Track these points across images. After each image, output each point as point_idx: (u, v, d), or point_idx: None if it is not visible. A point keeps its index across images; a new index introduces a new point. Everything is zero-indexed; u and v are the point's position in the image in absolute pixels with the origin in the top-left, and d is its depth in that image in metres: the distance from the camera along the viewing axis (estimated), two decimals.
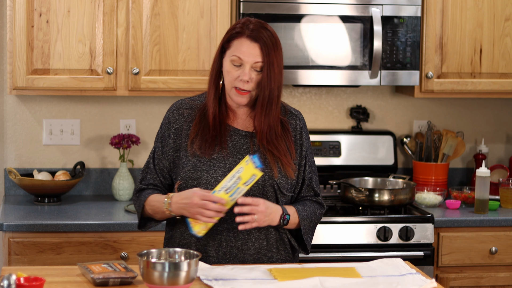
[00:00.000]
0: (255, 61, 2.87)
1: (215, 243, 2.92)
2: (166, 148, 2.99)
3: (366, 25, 4.12)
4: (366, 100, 4.60)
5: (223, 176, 2.88)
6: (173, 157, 2.98)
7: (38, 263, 3.75)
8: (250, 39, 2.87)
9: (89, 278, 2.65)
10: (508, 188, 4.25)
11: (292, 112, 3.05)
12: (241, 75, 2.87)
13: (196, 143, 2.93)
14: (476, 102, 4.69)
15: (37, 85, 3.99)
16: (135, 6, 4.01)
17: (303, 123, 3.05)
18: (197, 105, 3.01)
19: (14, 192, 4.36)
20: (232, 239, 2.92)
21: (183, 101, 3.04)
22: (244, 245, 2.92)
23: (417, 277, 2.75)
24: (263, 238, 2.95)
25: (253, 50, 2.87)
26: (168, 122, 3.01)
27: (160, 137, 3.02)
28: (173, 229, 3.01)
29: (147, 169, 3.04)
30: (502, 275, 4.07)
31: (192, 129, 2.95)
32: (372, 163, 4.50)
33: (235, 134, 2.96)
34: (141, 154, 4.45)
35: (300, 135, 3.02)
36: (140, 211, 3.01)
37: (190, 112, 3.00)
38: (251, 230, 2.92)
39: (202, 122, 2.96)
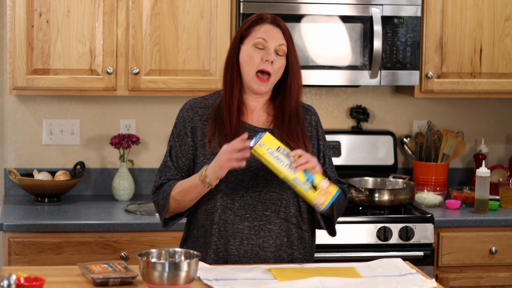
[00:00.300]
0: (279, 43, 2.89)
1: (236, 242, 2.91)
2: (184, 146, 2.97)
3: (366, 25, 4.12)
4: (366, 100, 4.60)
5: (242, 174, 2.88)
6: (192, 155, 2.96)
7: (38, 263, 3.75)
8: (272, 24, 2.92)
9: (89, 278, 2.65)
10: (508, 188, 4.25)
11: (305, 107, 3.06)
12: (266, 55, 2.88)
13: (215, 141, 2.91)
14: (476, 102, 4.69)
15: (37, 85, 3.99)
16: (135, 6, 4.02)
17: (317, 117, 3.07)
18: (210, 104, 3.00)
19: (14, 192, 4.36)
20: (253, 237, 2.91)
21: (196, 100, 3.02)
22: (265, 243, 2.91)
23: (417, 277, 2.75)
24: (284, 235, 2.93)
25: (277, 33, 2.90)
26: (183, 121, 2.99)
27: (176, 136, 3.00)
28: (195, 227, 2.99)
29: (165, 168, 3.00)
30: (502, 275, 4.07)
31: (209, 127, 2.94)
32: (372, 163, 4.50)
33: (251, 131, 2.95)
34: (141, 154, 4.45)
35: (316, 129, 3.03)
36: (166, 204, 2.94)
37: (204, 111, 2.98)
38: (272, 227, 2.92)
39: (218, 120, 2.94)
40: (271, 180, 2.90)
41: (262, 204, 2.91)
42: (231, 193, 2.90)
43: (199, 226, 2.98)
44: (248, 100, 2.97)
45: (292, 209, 2.94)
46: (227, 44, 4.07)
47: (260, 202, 2.90)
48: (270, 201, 2.91)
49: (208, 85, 4.09)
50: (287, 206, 2.93)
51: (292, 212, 2.94)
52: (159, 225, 3.84)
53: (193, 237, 3.00)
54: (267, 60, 2.88)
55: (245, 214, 2.90)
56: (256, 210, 2.90)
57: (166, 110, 4.45)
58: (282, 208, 2.92)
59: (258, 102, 2.98)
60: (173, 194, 2.93)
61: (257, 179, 2.90)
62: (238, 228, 2.91)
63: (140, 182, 4.45)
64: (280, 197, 2.92)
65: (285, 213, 2.93)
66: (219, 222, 2.92)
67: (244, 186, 2.90)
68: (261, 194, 2.90)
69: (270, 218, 2.92)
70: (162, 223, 3.02)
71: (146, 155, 4.45)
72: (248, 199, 2.90)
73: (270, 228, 2.92)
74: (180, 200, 2.92)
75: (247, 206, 2.90)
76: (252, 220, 2.91)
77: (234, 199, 2.90)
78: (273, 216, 2.92)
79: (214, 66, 4.08)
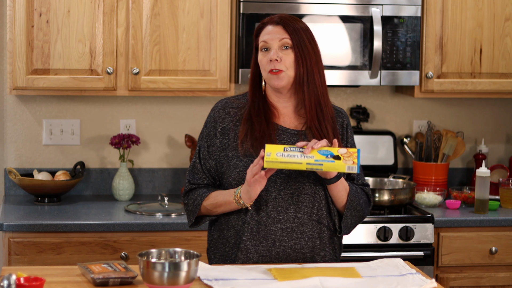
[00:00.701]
0: (280, 38, 2.89)
1: (268, 243, 2.91)
2: (212, 147, 2.97)
3: (366, 25, 4.12)
4: (366, 100, 4.60)
5: (275, 176, 2.89)
6: (219, 156, 2.96)
7: (38, 263, 3.75)
8: (273, 24, 2.92)
9: (89, 278, 2.65)
10: (508, 188, 4.25)
11: (337, 109, 3.04)
12: (270, 56, 2.88)
13: (247, 142, 2.91)
14: (476, 102, 4.69)
15: (37, 85, 3.99)
16: (135, 6, 4.02)
17: (348, 120, 3.05)
18: (242, 104, 3.00)
19: (14, 192, 4.36)
20: (286, 239, 2.91)
21: (228, 99, 3.02)
22: (297, 244, 2.91)
23: (417, 277, 2.75)
24: (317, 237, 2.93)
25: (277, 31, 2.90)
26: (214, 121, 2.99)
27: (205, 136, 3.00)
28: (225, 228, 2.98)
29: (194, 169, 3.01)
30: (502, 275, 4.07)
31: (241, 128, 2.94)
32: (372, 163, 4.50)
33: (283, 133, 2.94)
34: (141, 154, 4.45)
35: (346, 132, 3.02)
36: (196, 210, 2.97)
37: (236, 111, 2.98)
38: (305, 229, 2.92)
39: (249, 121, 2.94)
40: (303, 182, 2.90)
41: (295, 206, 2.90)
42: (264, 195, 2.90)
43: (230, 226, 2.97)
44: (279, 102, 2.97)
45: (324, 211, 2.94)
46: (227, 44, 4.07)
47: (292, 204, 2.90)
48: (302, 203, 2.91)
49: (208, 85, 4.09)
50: (320, 208, 2.93)
51: (324, 214, 2.94)
52: (159, 225, 3.84)
53: (223, 238, 2.99)
54: (271, 60, 2.88)
55: (277, 216, 2.90)
56: (288, 212, 2.90)
57: (166, 110, 4.45)
58: (315, 210, 2.92)
59: (289, 103, 2.97)
60: (205, 204, 2.96)
61: (289, 181, 2.90)
62: (270, 230, 2.91)
63: (140, 182, 4.45)
64: (313, 199, 2.91)
65: (317, 215, 2.93)
66: (251, 223, 2.92)
67: (277, 188, 2.90)
68: (294, 196, 2.90)
69: (303, 220, 2.91)
70: (189, 225, 3.05)
71: (146, 155, 4.46)
72: (281, 201, 2.90)
73: (302, 230, 2.92)
74: (211, 210, 2.96)
75: (280, 208, 2.90)
76: (284, 222, 2.90)
77: (267, 201, 2.90)
78: (306, 218, 2.92)
79: (214, 66, 4.08)
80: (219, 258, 3.00)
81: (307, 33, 2.93)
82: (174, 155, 4.48)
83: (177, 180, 4.47)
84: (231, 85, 4.13)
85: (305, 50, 2.90)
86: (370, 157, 4.50)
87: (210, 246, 3.05)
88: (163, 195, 4.15)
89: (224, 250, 2.98)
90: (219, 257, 3.00)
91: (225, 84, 4.09)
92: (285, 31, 2.90)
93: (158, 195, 4.33)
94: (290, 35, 2.89)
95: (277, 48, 2.89)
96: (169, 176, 4.47)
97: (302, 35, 2.91)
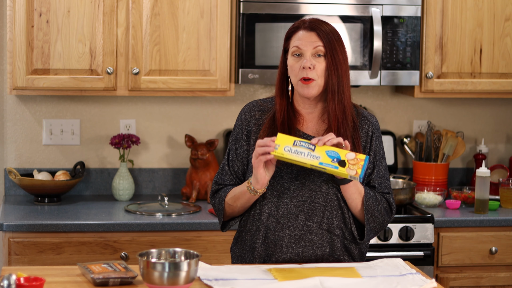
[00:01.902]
0: (314, 46, 2.85)
1: (276, 249, 2.91)
2: (240, 150, 2.98)
3: (366, 25, 4.12)
4: (366, 100, 4.60)
5: (289, 183, 2.88)
6: (247, 159, 2.97)
7: (38, 263, 3.75)
8: (306, 29, 2.88)
9: (89, 278, 2.65)
10: (508, 188, 4.25)
11: (365, 116, 2.99)
12: (303, 63, 2.85)
13: None
14: (476, 102, 4.69)
15: (37, 85, 3.99)
16: (135, 6, 4.02)
17: (376, 127, 2.98)
18: (268, 107, 2.98)
19: (14, 192, 4.36)
20: (293, 246, 2.91)
21: (256, 102, 3.01)
22: (304, 252, 2.91)
23: (417, 277, 2.75)
24: (326, 245, 2.92)
25: (310, 37, 2.86)
26: (240, 124, 2.99)
27: (234, 139, 3.00)
28: (244, 230, 2.99)
29: (222, 171, 3.02)
30: (502, 275, 4.07)
31: (261, 133, 2.93)
32: None
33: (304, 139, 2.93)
34: (141, 154, 4.45)
35: (371, 140, 2.96)
36: (222, 209, 2.98)
37: (262, 114, 2.97)
38: (313, 238, 2.91)
39: (271, 127, 2.93)
40: (316, 190, 2.88)
41: (305, 214, 2.90)
42: (276, 201, 2.90)
43: (247, 230, 2.98)
44: (305, 108, 2.95)
45: (335, 221, 2.92)
46: (227, 44, 4.07)
47: (303, 212, 2.89)
48: (313, 212, 2.90)
49: (208, 85, 4.09)
50: (330, 217, 2.91)
51: (335, 223, 2.92)
52: (159, 225, 3.84)
53: (241, 240, 3.01)
54: (304, 68, 2.85)
55: (287, 222, 2.90)
56: (298, 219, 2.90)
57: (166, 110, 4.45)
58: (325, 219, 2.91)
59: (314, 110, 2.95)
60: (227, 199, 2.96)
61: (303, 188, 2.89)
62: (279, 235, 2.91)
63: (140, 182, 4.45)
64: (324, 208, 2.90)
65: (327, 224, 2.91)
66: (262, 228, 2.93)
67: (290, 195, 2.90)
68: (305, 204, 2.89)
69: (312, 228, 2.91)
70: (221, 226, 3.05)
71: (146, 155, 4.46)
72: (292, 208, 2.90)
73: (311, 238, 2.91)
74: (232, 205, 2.96)
75: (290, 214, 2.90)
76: (293, 229, 2.90)
77: (278, 207, 2.90)
78: (315, 226, 2.91)
79: (214, 66, 4.08)
80: (238, 258, 3.02)
81: (339, 39, 2.89)
82: (174, 155, 4.48)
83: (177, 180, 4.47)
84: (231, 85, 4.13)
85: (337, 59, 2.86)
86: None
87: (233, 244, 3.07)
88: (163, 195, 4.15)
89: (242, 251, 3.00)
90: (238, 257, 3.02)
91: (225, 84, 4.09)
92: (319, 38, 2.86)
93: (158, 195, 4.33)
94: (324, 43, 2.85)
95: (310, 55, 2.86)
96: (169, 176, 4.47)
97: (334, 43, 2.86)
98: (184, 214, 3.98)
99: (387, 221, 2.99)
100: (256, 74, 4.06)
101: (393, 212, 3.01)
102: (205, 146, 4.28)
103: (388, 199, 2.99)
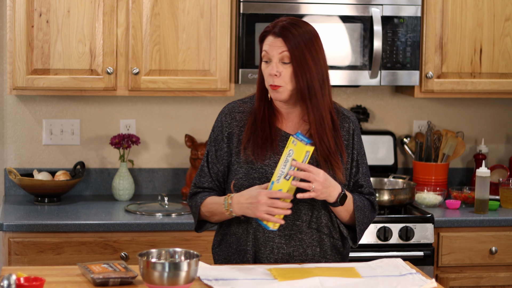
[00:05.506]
0: (279, 51, 2.84)
1: (267, 250, 2.91)
2: (220, 152, 2.97)
3: (366, 25, 4.12)
4: (366, 100, 4.60)
5: None
6: (227, 161, 2.96)
7: (38, 263, 3.75)
8: (274, 35, 2.86)
9: (89, 278, 2.65)
10: (508, 188, 4.25)
11: (345, 114, 3.00)
12: (269, 70, 2.86)
13: (249, 149, 2.90)
14: (476, 102, 4.69)
15: (37, 85, 3.99)
16: (135, 6, 4.02)
17: (356, 125, 3.00)
18: (248, 108, 2.98)
19: (14, 192, 4.36)
20: (284, 246, 2.91)
21: (235, 103, 3.01)
22: (295, 252, 2.91)
23: (417, 277, 2.75)
24: (316, 245, 2.93)
25: (277, 43, 2.85)
26: (221, 126, 2.98)
27: (213, 140, 3.00)
28: (228, 233, 2.99)
29: (201, 173, 3.01)
30: (502, 275, 4.07)
31: (245, 134, 2.93)
32: (372, 163, 4.50)
33: (286, 139, 2.92)
34: (141, 154, 4.45)
35: (352, 137, 2.97)
36: (197, 213, 2.98)
37: (242, 116, 2.97)
38: (303, 237, 2.91)
39: (253, 126, 2.93)
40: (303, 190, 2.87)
41: (294, 214, 2.89)
42: None
43: (232, 233, 2.98)
44: (283, 108, 2.95)
45: (324, 219, 2.93)
46: (227, 44, 4.08)
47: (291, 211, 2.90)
48: (301, 211, 2.91)
49: (208, 85, 4.09)
50: (318, 216, 2.92)
51: (323, 222, 2.93)
52: (159, 225, 3.84)
53: (226, 242, 3.00)
54: (270, 74, 2.86)
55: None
56: (287, 219, 2.89)
57: (166, 110, 4.45)
58: (314, 218, 2.92)
59: (294, 110, 2.95)
60: (203, 210, 2.97)
61: None
62: (269, 236, 2.91)
63: (140, 182, 4.45)
64: (312, 207, 2.91)
65: (316, 223, 2.92)
66: (250, 230, 2.93)
67: None
68: (293, 203, 2.88)
69: (301, 228, 2.91)
70: (195, 227, 3.05)
71: (146, 155, 4.46)
72: None
73: (301, 237, 2.91)
74: (209, 217, 2.97)
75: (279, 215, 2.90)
76: (283, 229, 2.90)
77: None
78: (304, 226, 2.91)
79: (214, 66, 4.08)
80: (223, 260, 3.01)
81: (309, 42, 2.86)
82: (174, 155, 4.48)
83: (177, 180, 4.47)
84: (231, 85, 4.13)
85: (304, 64, 2.84)
86: (370, 157, 4.50)
87: (215, 247, 3.05)
88: (163, 195, 4.15)
89: (227, 254, 2.99)
90: (222, 259, 3.01)
91: (225, 84, 4.09)
92: (284, 45, 2.84)
93: (158, 195, 4.33)
94: (289, 50, 2.83)
95: (277, 61, 2.85)
96: (169, 176, 4.47)
97: (302, 48, 2.83)
98: (184, 214, 3.98)
99: (373, 220, 3.05)
100: (256, 74, 4.06)
101: (377, 211, 3.05)
102: (205, 146, 4.28)
103: (373, 201, 3.02)
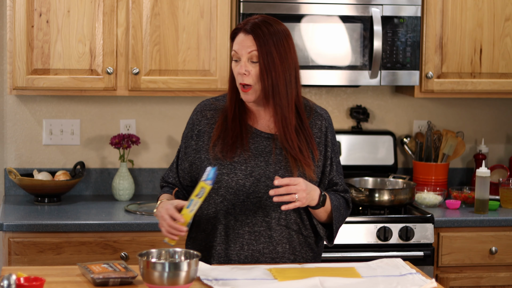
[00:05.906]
0: (248, 51, 2.84)
1: (237, 247, 2.91)
2: (188, 149, 2.99)
3: (366, 25, 4.12)
4: (366, 100, 4.60)
5: (244, 179, 2.88)
6: (194, 158, 2.97)
7: (38, 263, 3.75)
8: (244, 32, 2.86)
9: (89, 278, 2.65)
10: (508, 188, 4.25)
11: (318, 111, 3.00)
12: (238, 69, 2.86)
13: (218, 146, 2.91)
14: (476, 102, 4.69)
15: (37, 85, 4.00)
16: (135, 6, 4.02)
17: (329, 122, 3.00)
18: (220, 106, 2.99)
19: (14, 192, 4.36)
20: (254, 243, 2.91)
21: (208, 101, 3.02)
22: (265, 249, 2.91)
23: (417, 277, 2.75)
24: (285, 241, 2.93)
25: (246, 42, 2.85)
26: (192, 123, 3.00)
27: (184, 137, 3.03)
28: (198, 230, 3.00)
29: (171, 167, 3.07)
30: (502, 275, 4.07)
31: (215, 131, 2.93)
32: (372, 163, 4.50)
33: (257, 136, 2.93)
34: (141, 154, 4.45)
35: (325, 135, 2.97)
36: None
37: (213, 113, 2.98)
38: (272, 234, 2.91)
39: (224, 124, 2.93)
40: (272, 186, 2.87)
41: (263, 210, 2.90)
42: (232, 198, 2.90)
43: (201, 230, 2.98)
44: (254, 106, 2.95)
45: (293, 216, 2.93)
46: (227, 44, 4.08)
47: (260, 208, 2.89)
48: (270, 208, 2.90)
49: (208, 85, 4.09)
50: (288, 213, 2.92)
51: (292, 219, 2.93)
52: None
53: (195, 239, 3.01)
54: (239, 73, 2.86)
55: (245, 219, 2.89)
56: (256, 215, 2.90)
57: (166, 110, 4.45)
58: (283, 215, 2.92)
59: (265, 108, 2.94)
60: None
61: (258, 184, 2.89)
62: (238, 233, 2.91)
63: (140, 182, 4.45)
64: (280, 204, 2.89)
65: (285, 220, 2.92)
66: (219, 227, 2.92)
67: (245, 192, 2.89)
68: (262, 200, 2.89)
69: (271, 224, 2.91)
70: None
71: (146, 155, 4.46)
72: (249, 205, 2.90)
73: (270, 234, 2.91)
74: None
75: (248, 211, 2.90)
76: (252, 226, 2.90)
77: (235, 204, 2.90)
78: (274, 222, 2.91)
79: (214, 66, 4.08)
80: None
81: (278, 41, 2.85)
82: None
83: None
84: None
85: (270, 63, 2.83)
86: (370, 157, 4.50)
87: (188, 244, 3.06)
88: None
89: (198, 250, 2.96)
90: None
91: (225, 84, 4.09)
92: (253, 43, 2.84)
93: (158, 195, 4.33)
94: (258, 48, 2.83)
95: (246, 60, 2.85)
96: None
97: (270, 46, 2.83)
98: None
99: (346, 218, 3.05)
100: None
101: (351, 208, 3.06)
102: None
103: (348, 198, 3.03)
